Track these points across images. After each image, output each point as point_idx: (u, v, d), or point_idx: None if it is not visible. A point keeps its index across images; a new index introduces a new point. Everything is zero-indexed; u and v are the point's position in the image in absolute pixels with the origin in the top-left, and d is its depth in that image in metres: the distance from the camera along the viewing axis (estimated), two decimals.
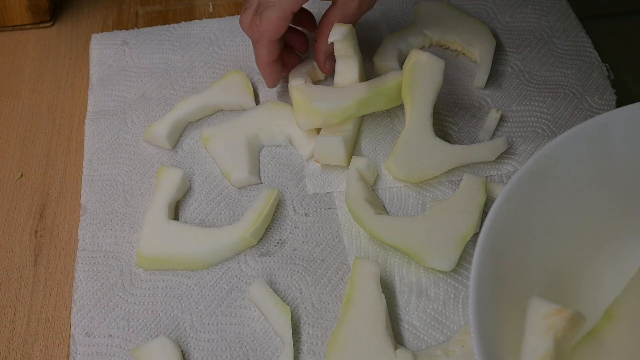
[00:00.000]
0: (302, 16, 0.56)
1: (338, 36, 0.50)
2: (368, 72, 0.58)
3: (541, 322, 0.31)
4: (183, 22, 0.64)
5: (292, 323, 0.42)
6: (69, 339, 0.44)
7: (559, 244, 0.38)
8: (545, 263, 0.37)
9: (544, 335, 0.31)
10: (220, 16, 0.65)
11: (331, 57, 0.53)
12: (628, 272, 0.37)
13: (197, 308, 0.45)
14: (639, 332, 0.34)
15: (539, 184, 0.37)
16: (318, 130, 0.52)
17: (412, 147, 0.49)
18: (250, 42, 0.52)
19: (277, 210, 0.49)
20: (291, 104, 0.55)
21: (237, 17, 0.64)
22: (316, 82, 0.57)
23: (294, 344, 0.41)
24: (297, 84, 0.53)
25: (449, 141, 0.53)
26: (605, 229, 0.40)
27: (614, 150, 0.39)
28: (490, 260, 0.34)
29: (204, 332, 0.44)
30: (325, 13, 0.51)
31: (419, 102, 0.50)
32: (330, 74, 0.54)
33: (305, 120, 0.50)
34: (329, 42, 0.51)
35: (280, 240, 0.48)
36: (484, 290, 0.33)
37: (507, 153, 0.51)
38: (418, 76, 0.50)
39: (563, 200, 0.38)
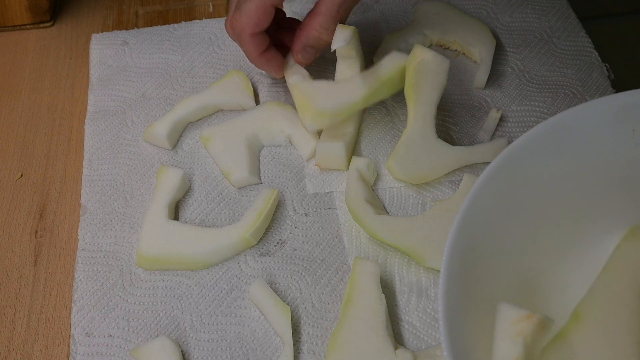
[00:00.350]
0: (290, 24, 0.55)
1: (342, 43, 0.48)
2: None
3: (510, 328, 0.32)
4: (183, 22, 0.64)
5: (292, 323, 0.42)
6: (69, 339, 0.44)
7: (526, 247, 0.38)
8: (513, 267, 0.38)
9: (513, 341, 0.32)
10: (220, 16, 0.65)
11: (309, 50, 0.51)
12: (594, 271, 0.37)
13: (197, 308, 0.45)
14: (606, 331, 0.34)
15: (503, 188, 0.37)
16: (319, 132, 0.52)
17: (414, 148, 0.49)
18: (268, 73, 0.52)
19: (277, 210, 0.49)
20: (291, 104, 0.55)
21: None
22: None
23: (294, 344, 0.41)
24: (296, 81, 0.52)
25: (449, 141, 0.53)
26: (571, 230, 0.40)
27: (576, 151, 0.39)
28: (458, 268, 0.34)
29: (204, 332, 0.44)
30: (310, 13, 0.50)
31: (422, 103, 0.49)
32: (303, 65, 0.52)
33: (312, 123, 0.49)
34: (332, 49, 0.49)
35: (280, 240, 0.48)
36: (453, 298, 0.33)
37: None
38: (423, 76, 0.49)
39: (528, 203, 0.38)
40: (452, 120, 0.54)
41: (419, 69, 0.49)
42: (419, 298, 0.44)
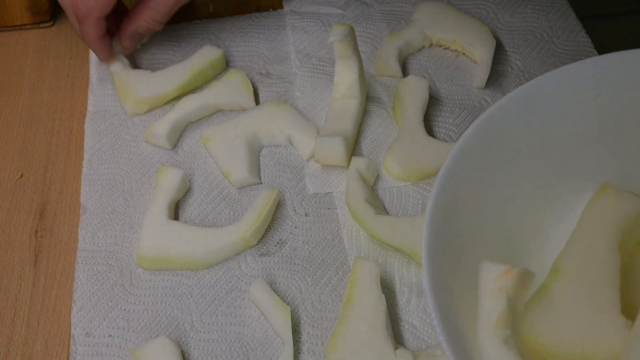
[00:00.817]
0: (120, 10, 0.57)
1: (338, 36, 0.49)
2: (368, 73, 0.58)
3: (493, 284, 0.33)
4: (183, 22, 0.64)
5: (292, 323, 0.42)
6: (69, 339, 0.44)
7: (506, 204, 0.40)
8: (494, 225, 0.39)
9: (496, 296, 0.33)
10: (220, 16, 0.65)
11: (136, 37, 0.55)
12: (573, 226, 0.38)
13: (197, 308, 0.45)
14: (584, 283, 0.35)
15: (480, 151, 0.39)
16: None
17: (407, 145, 0.51)
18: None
19: (277, 210, 0.49)
20: (291, 104, 0.56)
21: (237, 17, 0.64)
22: (134, 55, 0.61)
23: (294, 344, 0.41)
24: (116, 69, 0.57)
25: (449, 142, 0.53)
26: (549, 187, 0.42)
27: (546, 114, 0.41)
28: (440, 231, 0.35)
29: (204, 332, 0.44)
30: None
31: (408, 110, 0.53)
32: (128, 50, 0.57)
33: (133, 108, 0.55)
34: (329, 41, 0.50)
35: (280, 240, 0.48)
36: (437, 261, 0.34)
37: None
38: (405, 92, 0.54)
39: (506, 164, 0.40)
40: (452, 121, 0.54)
41: (401, 88, 0.54)
42: (419, 298, 0.44)
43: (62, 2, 0.52)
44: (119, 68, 0.57)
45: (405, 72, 0.58)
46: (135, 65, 0.60)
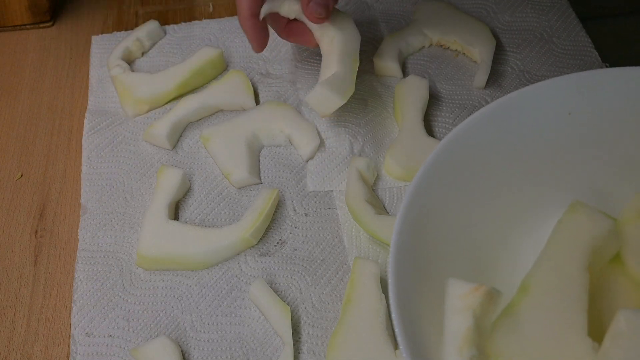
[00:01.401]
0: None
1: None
2: (368, 73, 0.58)
3: (459, 302, 0.33)
4: (183, 23, 0.64)
5: (292, 323, 0.42)
6: (69, 339, 0.44)
7: (476, 222, 0.40)
8: (463, 242, 0.39)
9: (463, 314, 0.33)
10: (220, 16, 0.65)
11: (319, 2, 0.47)
12: (542, 242, 0.38)
13: (197, 308, 0.45)
14: (552, 302, 0.35)
15: (450, 167, 0.39)
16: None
17: (407, 145, 0.51)
18: (250, 44, 0.51)
19: (277, 210, 0.49)
20: (292, 104, 0.56)
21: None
22: (132, 61, 0.61)
23: (294, 344, 0.41)
24: (117, 73, 0.57)
25: None
26: (519, 205, 0.42)
27: (519, 130, 0.41)
28: (409, 242, 0.35)
29: (204, 332, 0.44)
30: None
31: (408, 110, 0.52)
32: (313, 19, 0.48)
33: (133, 109, 0.55)
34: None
35: (280, 240, 0.48)
36: (404, 278, 0.34)
37: None
38: (405, 92, 0.53)
39: (477, 180, 0.40)
40: (452, 121, 0.54)
41: (401, 88, 0.54)
42: None
43: None
44: (119, 72, 0.57)
45: (405, 72, 0.58)
46: (134, 68, 0.60)
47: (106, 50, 0.61)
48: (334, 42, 0.51)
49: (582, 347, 0.33)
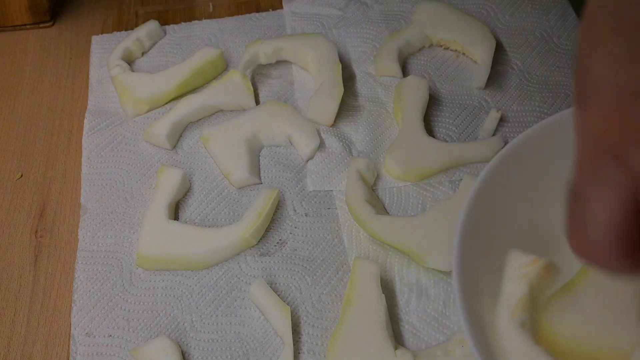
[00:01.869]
0: None
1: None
2: (368, 73, 0.58)
3: (518, 271, 0.35)
4: (183, 23, 0.64)
5: (292, 323, 0.42)
6: (69, 339, 0.44)
7: (543, 206, 0.40)
8: (531, 223, 0.40)
9: (519, 283, 0.35)
10: (220, 16, 0.64)
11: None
12: None
13: (197, 308, 0.45)
14: (609, 286, 0.36)
15: (527, 156, 0.40)
16: None
17: (407, 145, 0.51)
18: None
19: (277, 210, 0.49)
20: (292, 104, 0.56)
21: (237, 17, 0.64)
22: (132, 61, 0.61)
23: (294, 344, 0.41)
24: (117, 73, 0.57)
25: (449, 142, 0.53)
26: None
27: None
28: (476, 217, 0.37)
29: (204, 332, 0.44)
30: None
31: (408, 111, 0.53)
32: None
33: (133, 109, 0.55)
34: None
35: (280, 240, 0.48)
36: (468, 242, 0.36)
37: None
38: (405, 92, 0.54)
39: (547, 170, 0.40)
40: (452, 121, 0.54)
41: (401, 88, 0.54)
42: (419, 298, 0.44)
43: (576, 248, 0.28)
44: (119, 72, 0.57)
45: (405, 72, 0.58)
46: (134, 68, 0.60)
47: (106, 50, 0.61)
48: (314, 61, 0.56)
49: (632, 330, 0.34)
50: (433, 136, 0.53)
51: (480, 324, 0.34)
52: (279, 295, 0.43)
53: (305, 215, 0.49)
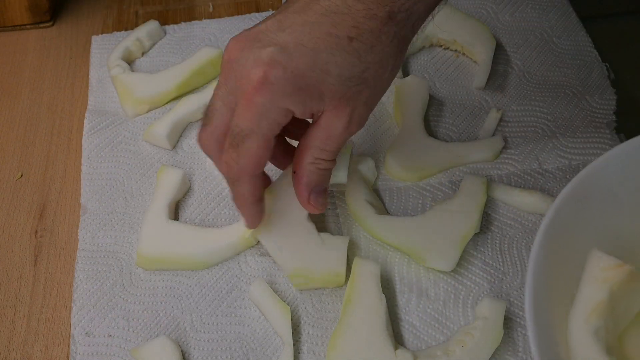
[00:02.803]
0: (298, 124, 0.43)
1: None
2: None
3: (599, 274, 0.32)
4: (183, 23, 0.64)
5: (292, 323, 0.42)
6: (69, 339, 0.44)
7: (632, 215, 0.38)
8: (614, 231, 0.37)
9: (600, 286, 0.32)
10: (220, 16, 0.64)
11: (318, 191, 0.42)
12: None
13: (197, 308, 0.45)
14: None
15: (612, 172, 0.38)
16: None
17: (407, 145, 0.51)
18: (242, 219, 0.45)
19: None
20: None
21: (237, 17, 0.64)
22: (132, 61, 0.61)
23: (294, 344, 0.41)
24: (117, 73, 0.57)
25: (448, 142, 0.53)
26: None
27: None
28: (561, 220, 0.35)
29: (204, 332, 0.44)
30: (304, 134, 0.40)
31: (408, 110, 0.53)
32: (318, 211, 0.42)
33: (133, 109, 0.55)
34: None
35: None
36: (550, 237, 0.33)
37: (507, 153, 0.51)
38: (405, 92, 0.53)
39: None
40: (452, 121, 0.54)
41: (401, 88, 0.54)
42: (419, 298, 0.44)
43: (203, 146, 0.41)
44: (119, 72, 0.57)
45: (405, 72, 0.58)
46: (134, 68, 0.60)
47: (106, 50, 0.61)
48: None
49: None
50: (433, 136, 0.53)
51: (547, 325, 0.31)
52: (279, 295, 0.43)
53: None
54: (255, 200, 0.42)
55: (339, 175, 0.45)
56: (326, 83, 0.37)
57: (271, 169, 0.48)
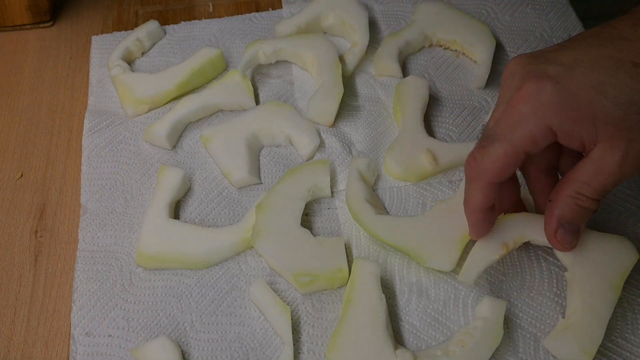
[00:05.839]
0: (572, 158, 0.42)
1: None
2: (368, 73, 0.58)
3: None
4: (183, 23, 0.64)
5: (292, 323, 0.42)
6: (69, 339, 0.44)
7: None
8: None
9: None
10: (220, 16, 0.64)
11: (568, 228, 0.39)
12: None
13: (197, 308, 0.45)
14: None
15: None
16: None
17: (407, 145, 0.51)
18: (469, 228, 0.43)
19: None
20: (291, 104, 0.56)
21: (237, 17, 0.64)
22: (132, 61, 0.60)
23: (294, 344, 0.41)
24: (117, 73, 0.57)
25: (449, 142, 0.53)
26: None
27: None
28: None
29: (204, 332, 0.44)
30: (572, 167, 0.38)
31: (408, 110, 0.53)
32: (562, 249, 0.40)
33: (133, 110, 0.55)
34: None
35: None
36: None
37: None
38: (405, 92, 0.54)
39: None
40: (452, 121, 0.54)
41: (401, 88, 0.54)
42: (419, 298, 0.44)
43: (467, 161, 0.39)
44: (119, 72, 0.57)
45: (405, 72, 0.58)
46: (134, 68, 0.60)
47: (106, 50, 0.61)
48: (313, 62, 0.56)
49: None
50: (433, 136, 0.53)
51: None
52: (279, 295, 0.43)
53: (306, 215, 0.49)
54: (483, 208, 0.40)
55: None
56: (600, 105, 0.34)
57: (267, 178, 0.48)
